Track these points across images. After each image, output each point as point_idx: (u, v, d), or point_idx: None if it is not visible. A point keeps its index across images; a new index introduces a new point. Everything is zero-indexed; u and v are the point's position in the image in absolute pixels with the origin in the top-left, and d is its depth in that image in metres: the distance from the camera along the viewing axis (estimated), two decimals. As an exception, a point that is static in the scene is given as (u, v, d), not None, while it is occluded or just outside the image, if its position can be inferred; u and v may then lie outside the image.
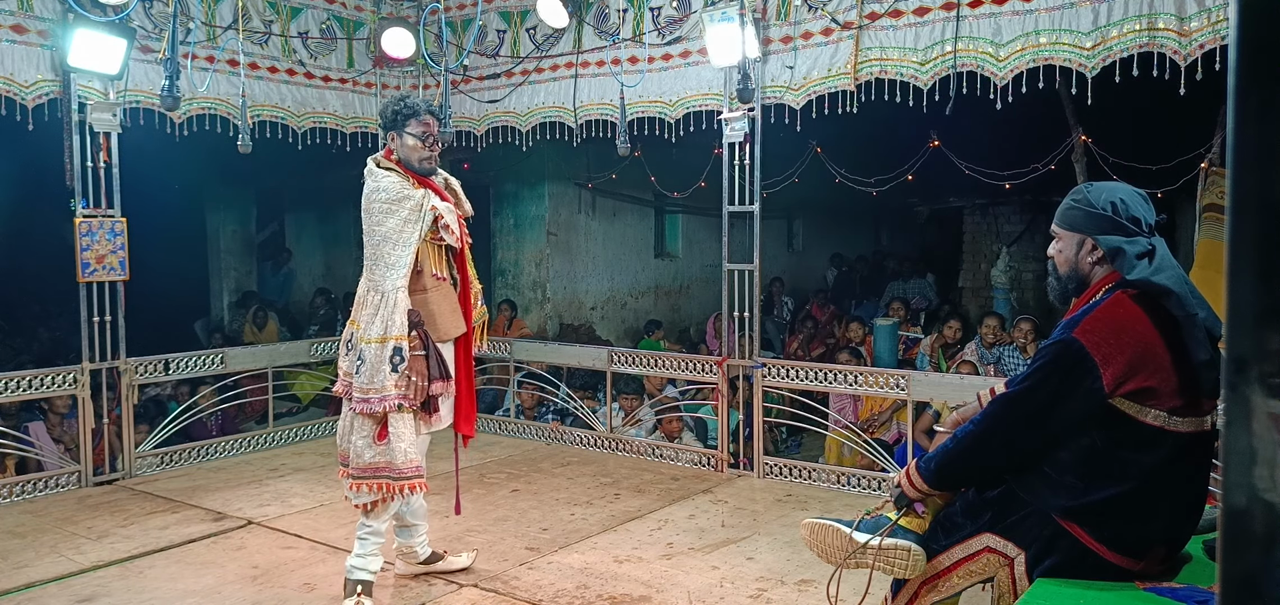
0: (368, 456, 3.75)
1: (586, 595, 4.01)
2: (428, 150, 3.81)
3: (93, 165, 5.65)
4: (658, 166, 8.80)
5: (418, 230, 3.73)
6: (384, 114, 3.88)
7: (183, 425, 6.45)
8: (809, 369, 5.97)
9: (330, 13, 6.96)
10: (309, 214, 12.17)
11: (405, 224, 3.71)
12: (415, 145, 3.79)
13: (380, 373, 3.67)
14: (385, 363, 3.67)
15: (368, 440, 3.75)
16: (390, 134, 3.83)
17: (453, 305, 3.91)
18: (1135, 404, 2.28)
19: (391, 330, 3.68)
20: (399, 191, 3.72)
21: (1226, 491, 0.77)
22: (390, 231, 3.70)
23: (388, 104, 3.89)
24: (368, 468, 3.75)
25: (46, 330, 10.05)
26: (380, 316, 3.69)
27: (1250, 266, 0.75)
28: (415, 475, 3.77)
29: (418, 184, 3.79)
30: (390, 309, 3.68)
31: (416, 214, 3.73)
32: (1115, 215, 2.38)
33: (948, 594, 2.56)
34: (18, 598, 4.06)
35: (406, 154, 3.80)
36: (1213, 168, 5.84)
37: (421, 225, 3.74)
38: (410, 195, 3.73)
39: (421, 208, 3.74)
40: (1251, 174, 0.75)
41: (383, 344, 3.68)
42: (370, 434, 3.75)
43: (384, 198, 3.71)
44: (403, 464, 3.74)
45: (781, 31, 5.69)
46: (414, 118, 3.78)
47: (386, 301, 3.69)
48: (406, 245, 3.71)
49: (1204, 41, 4.40)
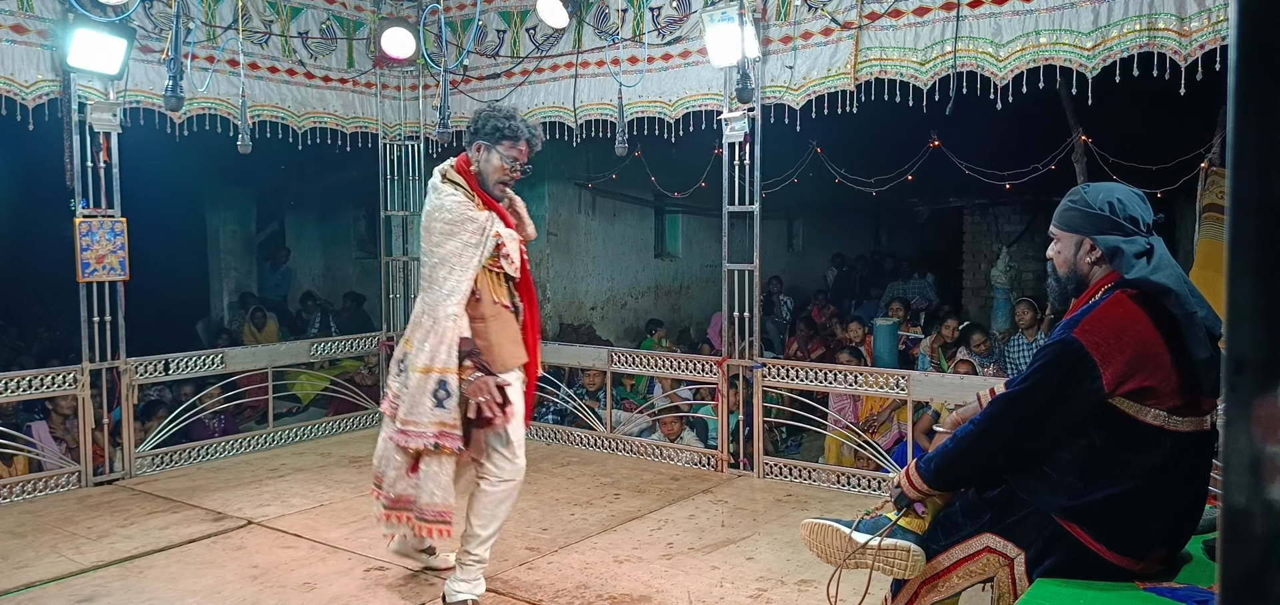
0: (398, 488, 3.62)
1: (586, 595, 4.01)
2: (509, 177, 3.61)
3: (93, 165, 5.64)
4: (658, 166, 8.81)
5: (478, 255, 3.51)
6: (479, 121, 3.62)
7: (183, 425, 6.45)
8: (809, 369, 5.97)
9: (330, 13, 6.96)
10: (309, 214, 12.18)
11: (465, 247, 3.49)
12: (499, 167, 3.57)
13: (421, 405, 3.49)
14: (427, 395, 3.48)
15: (400, 471, 3.61)
16: (476, 143, 3.59)
17: (513, 335, 3.68)
18: (1135, 403, 2.28)
19: (438, 360, 3.47)
20: (461, 213, 3.50)
21: (1226, 491, 0.77)
22: (449, 254, 3.48)
23: (489, 112, 3.64)
24: (397, 499, 3.62)
25: (47, 330, 10.05)
26: (428, 344, 3.49)
27: (1250, 266, 0.75)
28: (437, 520, 3.57)
29: (483, 204, 3.57)
30: (439, 338, 3.47)
31: (478, 237, 3.51)
32: (1113, 215, 2.39)
33: (947, 594, 2.56)
34: (18, 598, 4.06)
35: (486, 171, 3.58)
36: (1213, 168, 5.83)
37: (482, 250, 3.51)
38: (473, 217, 3.52)
39: (484, 232, 3.52)
40: (1251, 174, 0.75)
41: (427, 374, 3.49)
42: (403, 466, 3.61)
43: (446, 218, 3.50)
44: (427, 504, 3.57)
45: (781, 31, 5.69)
46: (512, 140, 3.56)
47: (437, 329, 3.48)
48: (464, 270, 3.48)
49: (1204, 41, 4.39)
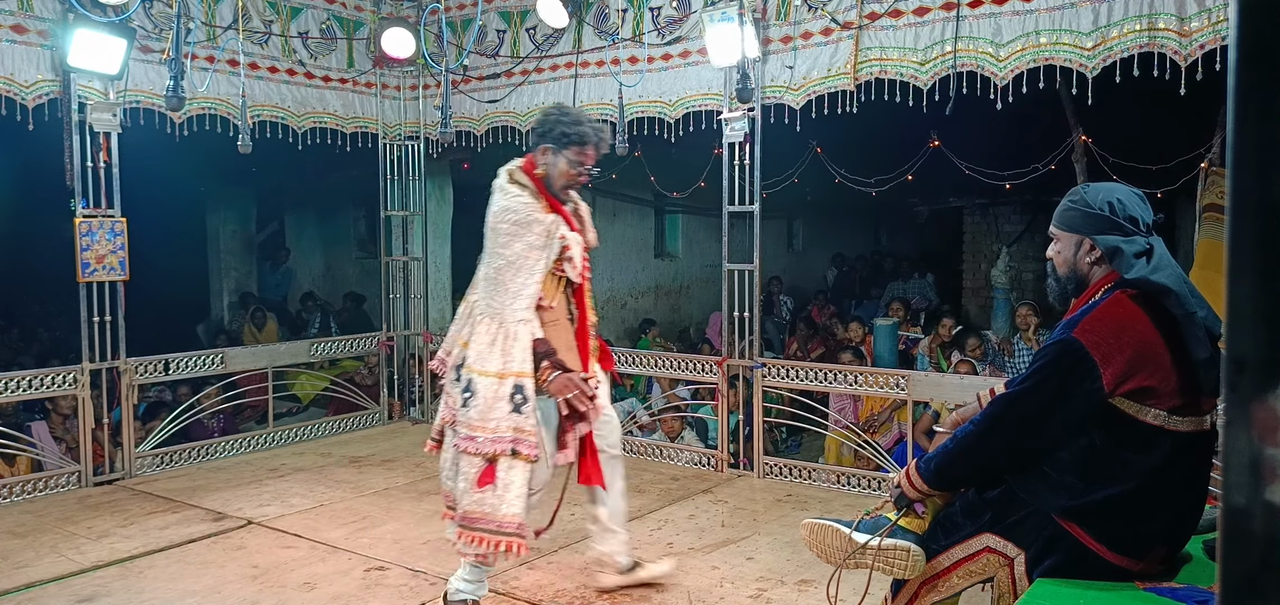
0: (467, 502, 3.45)
1: (586, 595, 4.01)
2: (576, 182, 3.57)
3: (93, 165, 5.64)
4: (658, 166, 8.81)
5: (545, 257, 3.45)
6: (547, 122, 3.56)
7: (183, 425, 6.45)
8: (809, 369, 5.97)
9: (330, 13, 6.96)
10: (309, 214, 12.18)
11: (531, 249, 3.42)
12: (566, 172, 3.52)
13: (495, 411, 3.36)
14: (503, 401, 3.36)
15: (470, 483, 3.44)
16: (543, 146, 3.53)
17: (567, 342, 3.59)
18: (1135, 403, 2.28)
19: (511, 365, 3.36)
20: (528, 214, 3.44)
21: (1226, 491, 0.77)
22: (515, 256, 3.42)
23: (558, 114, 3.59)
24: (469, 516, 3.45)
25: (47, 330, 10.05)
26: (499, 348, 3.39)
27: (1250, 266, 0.75)
28: (516, 534, 3.41)
29: (549, 207, 3.51)
30: (511, 341, 3.38)
31: (544, 240, 3.45)
32: (1113, 215, 2.39)
33: (947, 594, 2.56)
34: (18, 598, 4.06)
35: (553, 174, 3.53)
36: (1213, 168, 5.83)
37: (549, 253, 3.46)
38: (540, 220, 3.46)
39: (551, 234, 3.46)
40: (1251, 174, 0.75)
41: (501, 380, 3.37)
42: (473, 476, 3.44)
43: (513, 219, 3.44)
44: (505, 516, 3.39)
45: (781, 31, 5.69)
46: (581, 145, 3.51)
47: (507, 333, 3.39)
48: (531, 273, 3.42)
49: (1204, 41, 4.39)
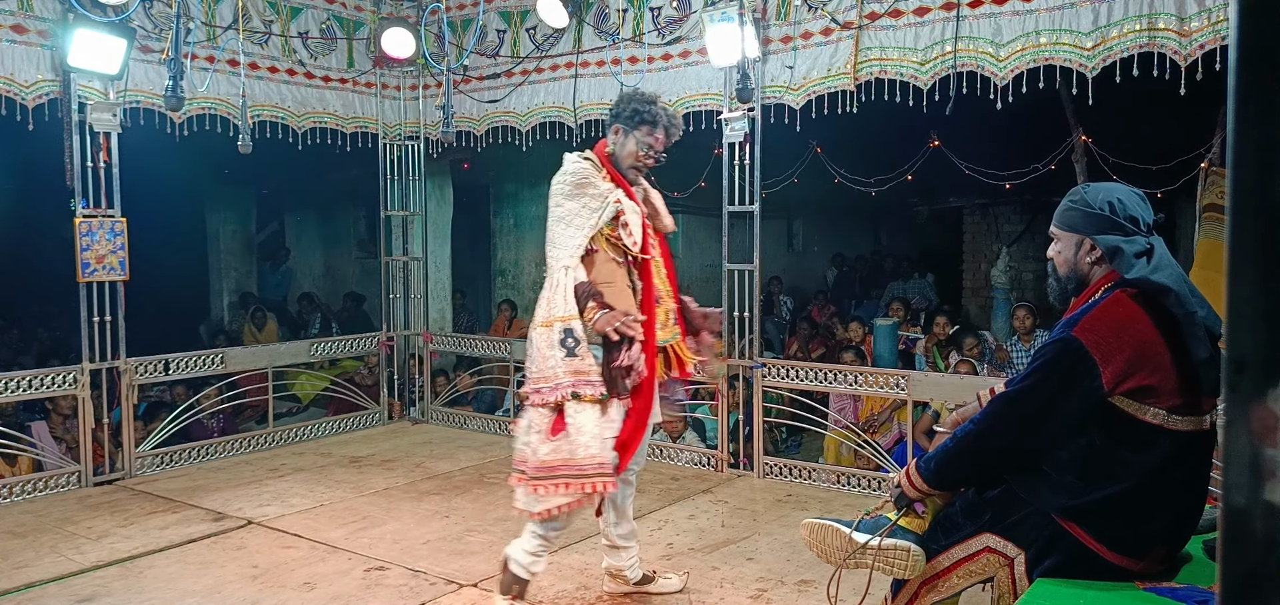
0: (543, 452, 3.36)
1: (586, 595, 4.01)
2: (644, 163, 3.57)
3: (93, 165, 5.64)
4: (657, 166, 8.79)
5: (595, 218, 3.43)
6: (621, 103, 3.60)
7: (183, 425, 6.45)
8: (809, 369, 5.97)
9: (330, 13, 6.96)
10: (309, 214, 12.18)
11: (583, 209, 3.44)
12: (634, 152, 3.54)
13: (550, 359, 3.36)
14: (555, 348, 3.35)
15: (542, 434, 3.38)
16: (615, 126, 3.57)
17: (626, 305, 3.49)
18: (1135, 402, 2.28)
19: (556, 310, 3.37)
20: (584, 177, 3.47)
21: (1226, 491, 0.77)
22: (566, 214, 3.44)
23: (630, 95, 3.62)
24: (544, 466, 3.36)
25: (46, 330, 10.05)
26: (545, 298, 3.43)
27: (1250, 266, 0.75)
28: (598, 472, 3.31)
29: (610, 179, 3.53)
30: (554, 288, 3.40)
31: (598, 202, 3.45)
32: (1113, 215, 2.39)
33: (948, 594, 2.56)
34: (18, 598, 4.06)
35: (621, 154, 3.56)
36: (1213, 168, 5.84)
37: (600, 215, 3.44)
38: (596, 183, 3.48)
39: (605, 198, 3.46)
40: (1251, 174, 0.75)
41: (549, 327, 3.39)
42: (545, 427, 3.38)
43: (568, 180, 3.47)
44: (583, 458, 3.31)
45: (781, 31, 5.69)
46: (651, 126, 3.52)
47: (552, 281, 3.42)
48: (579, 228, 3.42)
49: (1204, 41, 4.40)
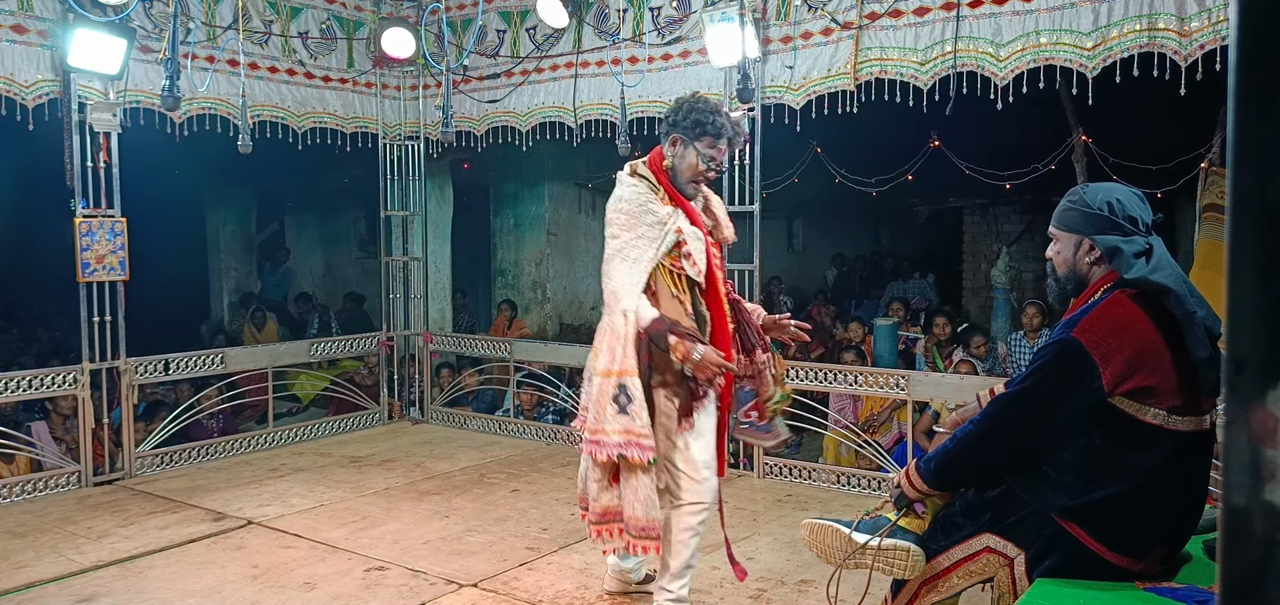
0: (604, 500, 3.37)
1: (586, 595, 4.01)
2: (704, 177, 3.40)
3: (93, 165, 5.64)
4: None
5: (654, 250, 3.26)
6: (678, 112, 3.38)
7: (183, 425, 6.45)
8: (809, 369, 5.96)
9: (330, 13, 6.96)
10: (309, 214, 12.19)
11: (640, 239, 3.27)
12: (694, 165, 3.34)
13: (604, 413, 3.27)
14: (609, 402, 3.26)
15: (602, 483, 3.38)
16: (673, 136, 3.36)
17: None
18: (1135, 402, 2.28)
19: (617, 362, 3.24)
20: (640, 203, 3.29)
21: (1226, 491, 0.77)
22: (623, 246, 3.28)
23: (690, 104, 3.38)
24: (605, 512, 3.37)
25: (46, 330, 10.05)
26: (607, 345, 3.29)
27: (1250, 266, 0.75)
28: (641, 536, 3.30)
29: (669, 199, 3.35)
30: (615, 336, 3.26)
31: (656, 231, 3.27)
32: (1112, 215, 2.39)
33: (947, 594, 2.56)
34: (18, 598, 4.06)
35: (680, 167, 3.36)
36: (1213, 168, 5.84)
37: (660, 245, 3.27)
38: (654, 210, 3.30)
39: (665, 226, 3.28)
40: (1251, 174, 0.75)
41: (607, 378, 3.27)
42: (603, 477, 3.37)
43: (624, 209, 3.30)
44: (630, 516, 3.32)
45: (781, 31, 5.69)
46: (714, 138, 3.32)
47: (612, 326, 3.28)
48: (637, 264, 3.25)
49: (1204, 41, 4.39)
